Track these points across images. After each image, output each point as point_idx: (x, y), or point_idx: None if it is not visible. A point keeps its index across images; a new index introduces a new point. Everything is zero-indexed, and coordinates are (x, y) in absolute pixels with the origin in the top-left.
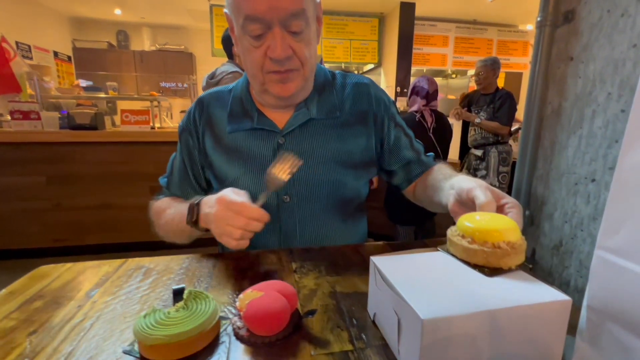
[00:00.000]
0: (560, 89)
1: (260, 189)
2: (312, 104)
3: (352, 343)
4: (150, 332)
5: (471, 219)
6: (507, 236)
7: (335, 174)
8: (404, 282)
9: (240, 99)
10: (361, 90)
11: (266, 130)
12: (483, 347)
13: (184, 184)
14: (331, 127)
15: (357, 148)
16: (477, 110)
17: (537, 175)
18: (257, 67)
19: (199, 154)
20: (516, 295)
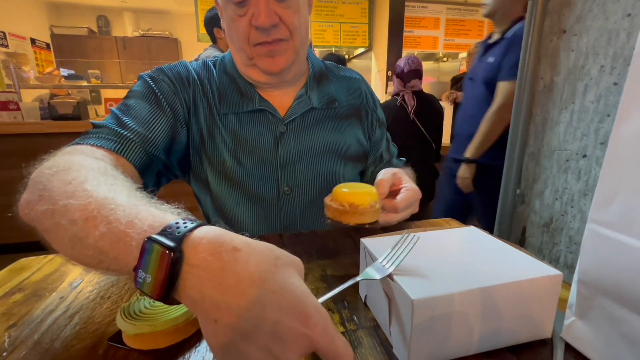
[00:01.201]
0: (553, 63)
1: (261, 179)
2: (313, 92)
3: (344, 325)
4: (134, 322)
5: (341, 185)
6: (351, 199)
7: (334, 165)
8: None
9: (232, 77)
10: (354, 85)
11: (267, 114)
12: (474, 325)
13: (155, 130)
14: (330, 118)
15: (353, 140)
16: None
17: (528, 153)
18: (242, 39)
19: (182, 113)
20: (507, 271)
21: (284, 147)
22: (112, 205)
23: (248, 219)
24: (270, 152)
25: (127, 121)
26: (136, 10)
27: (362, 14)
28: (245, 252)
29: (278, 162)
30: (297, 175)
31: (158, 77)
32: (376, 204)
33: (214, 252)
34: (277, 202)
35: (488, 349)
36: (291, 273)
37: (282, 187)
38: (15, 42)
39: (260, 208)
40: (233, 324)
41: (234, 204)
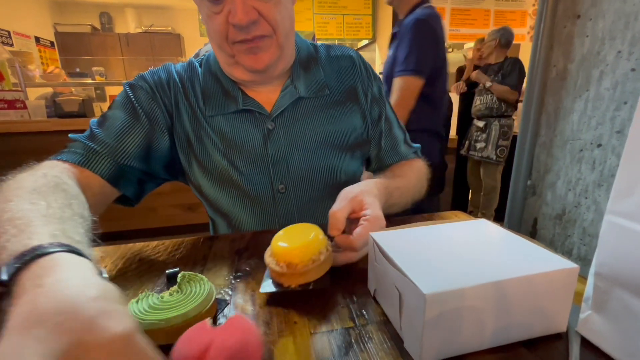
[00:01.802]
0: (566, 50)
1: (254, 180)
2: (299, 81)
3: (353, 320)
4: (144, 317)
5: (279, 235)
6: (287, 257)
7: (330, 158)
8: (404, 256)
9: (216, 76)
10: (346, 64)
11: (253, 112)
12: (487, 319)
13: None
14: (322, 108)
15: (350, 128)
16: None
17: (539, 143)
18: (220, 37)
19: (165, 122)
20: (521, 264)
21: (273, 144)
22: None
23: (245, 219)
24: (260, 151)
25: (98, 134)
26: (138, 7)
27: (365, 5)
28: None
29: (269, 160)
30: (291, 173)
31: (137, 85)
32: (321, 254)
33: (51, 267)
34: (273, 202)
35: (501, 344)
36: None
37: (276, 186)
38: (20, 41)
39: (257, 208)
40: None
41: (230, 205)
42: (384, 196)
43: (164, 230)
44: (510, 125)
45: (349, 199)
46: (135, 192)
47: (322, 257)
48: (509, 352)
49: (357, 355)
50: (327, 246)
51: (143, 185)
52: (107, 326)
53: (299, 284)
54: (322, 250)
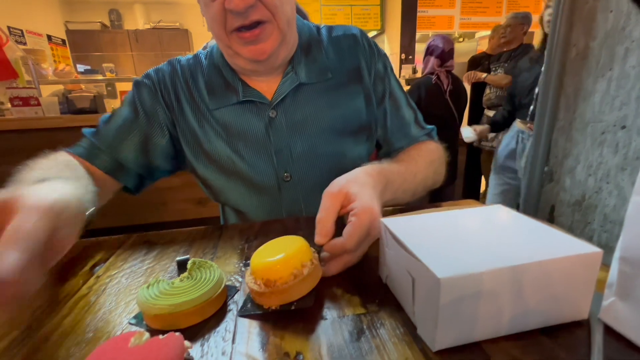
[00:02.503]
0: (588, 27)
1: (258, 169)
2: (300, 66)
3: (365, 306)
4: (154, 302)
5: (257, 253)
6: (265, 274)
7: (333, 144)
8: (417, 241)
9: (218, 68)
10: (349, 43)
11: (255, 102)
12: (505, 305)
13: (120, 136)
14: (324, 92)
15: (354, 112)
16: (495, 67)
17: (558, 127)
18: (218, 26)
19: (168, 119)
20: (541, 249)
21: (275, 132)
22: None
23: (252, 209)
24: (263, 139)
25: (101, 130)
26: (146, 3)
27: None
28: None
29: (272, 149)
30: (294, 160)
31: (142, 82)
32: (304, 268)
33: None
34: (279, 191)
35: (519, 330)
36: None
37: (280, 174)
38: (32, 39)
39: (263, 197)
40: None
41: (237, 195)
42: (378, 183)
43: (174, 224)
44: None
45: (333, 197)
46: (135, 184)
47: (306, 270)
48: (527, 339)
49: (369, 342)
50: (312, 259)
51: (143, 178)
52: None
53: (279, 304)
54: (306, 264)
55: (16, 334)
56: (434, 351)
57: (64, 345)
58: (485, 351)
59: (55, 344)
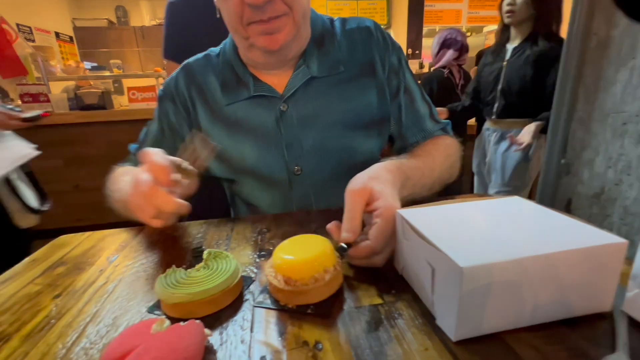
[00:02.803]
0: (609, 16)
1: (269, 163)
2: (312, 60)
3: (382, 297)
4: (172, 291)
5: (280, 246)
6: (287, 271)
7: (345, 138)
8: (436, 232)
9: (230, 64)
10: (362, 36)
11: (266, 96)
12: (527, 296)
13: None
14: (335, 85)
15: (365, 106)
16: None
17: (576, 118)
18: (235, 19)
19: (187, 126)
20: (564, 239)
21: (286, 126)
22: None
23: (263, 203)
24: (274, 133)
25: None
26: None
27: None
28: None
29: (283, 142)
30: (305, 154)
31: (163, 96)
32: (326, 273)
33: None
34: (290, 184)
35: (541, 322)
36: (142, 175)
37: (291, 167)
38: (40, 36)
39: (274, 192)
40: (130, 192)
41: (249, 190)
42: (398, 179)
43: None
44: None
45: (358, 194)
46: None
47: (328, 276)
48: (549, 330)
49: (387, 332)
50: (335, 265)
51: None
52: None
53: (296, 304)
54: (329, 269)
55: (40, 319)
56: (454, 341)
57: (86, 330)
58: (506, 342)
59: (78, 329)
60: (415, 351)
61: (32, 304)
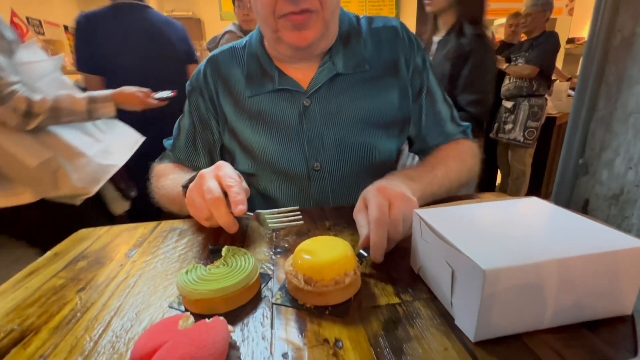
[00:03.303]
0: (636, 12)
1: (289, 157)
2: (338, 56)
3: (399, 296)
4: (195, 287)
5: (302, 245)
6: (308, 271)
7: (366, 136)
8: (456, 233)
9: (256, 56)
10: (388, 36)
11: (290, 90)
12: (548, 299)
13: (190, 149)
14: (359, 83)
15: (388, 105)
16: (515, 57)
17: (596, 118)
18: (267, 10)
19: (214, 119)
20: (586, 242)
21: (309, 121)
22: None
23: (280, 196)
24: (296, 128)
25: (176, 145)
26: None
27: None
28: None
29: (304, 138)
30: (326, 151)
31: (191, 91)
32: (346, 277)
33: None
34: (308, 180)
35: (561, 324)
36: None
37: (311, 163)
38: (50, 30)
39: (292, 186)
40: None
41: (267, 182)
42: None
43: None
44: (541, 105)
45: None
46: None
47: (347, 280)
48: (569, 332)
49: (406, 331)
50: (355, 269)
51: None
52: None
53: (314, 305)
54: (349, 273)
55: (67, 312)
56: (473, 342)
57: (111, 324)
58: (525, 343)
59: (104, 322)
60: (435, 351)
61: (57, 297)
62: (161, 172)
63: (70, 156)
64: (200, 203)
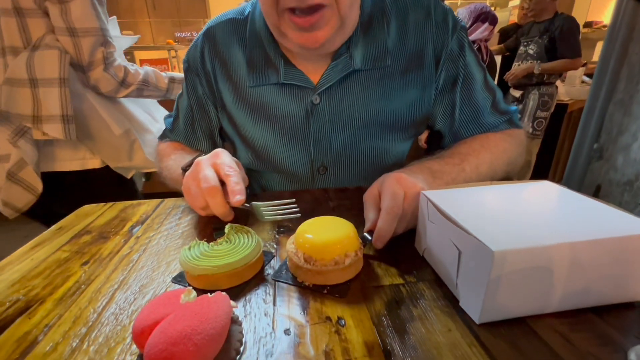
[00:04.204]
0: None
1: (293, 158)
2: (357, 48)
3: (403, 277)
4: (197, 263)
5: (305, 224)
6: (308, 249)
7: (379, 140)
8: (464, 214)
9: (259, 38)
10: (418, 18)
11: (297, 85)
12: (556, 282)
13: (189, 132)
14: (377, 81)
15: (406, 106)
16: (526, 42)
17: (615, 101)
18: (269, 4)
19: (212, 103)
20: (597, 227)
21: (316, 121)
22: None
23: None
24: (302, 127)
25: (175, 129)
26: None
27: None
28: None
29: (310, 139)
30: (333, 154)
31: (187, 69)
32: (347, 258)
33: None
34: (312, 182)
35: (567, 308)
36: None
37: (316, 166)
38: None
39: (294, 186)
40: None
41: (269, 179)
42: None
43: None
44: (551, 94)
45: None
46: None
47: (348, 261)
48: (576, 316)
49: (410, 311)
50: (357, 250)
51: (216, 142)
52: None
53: (312, 283)
54: (350, 254)
55: (71, 284)
56: (478, 324)
57: (115, 297)
58: (531, 327)
59: (107, 295)
60: (438, 331)
61: (62, 270)
62: (163, 151)
63: (142, 131)
64: (196, 192)
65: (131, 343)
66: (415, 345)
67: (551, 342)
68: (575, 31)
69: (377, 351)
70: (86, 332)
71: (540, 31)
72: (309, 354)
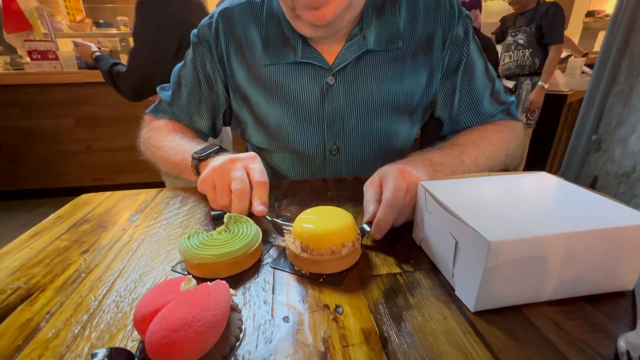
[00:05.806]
0: None
1: (306, 138)
2: (369, 29)
3: (400, 267)
4: (197, 252)
5: (304, 214)
6: (305, 238)
7: (390, 122)
8: (462, 205)
9: (277, 18)
10: (429, 4)
11: (313, 65)
12: (551, 272)
13: (193, 108)
14: (390, 62)
15: (416, 88)
16: (514, 32)
17: (615, 92)
18: None
19: (221, 81)
20: (592, 217)
21: (331, 101)
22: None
23: (291, 174)
24: (316, 107)
25: (175, 101)
26: None
27: None
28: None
29: (325, 119)
30: (345, 134)
31: (198, 43)
32: (344, 247)
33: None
34: (323, 163)
35: (561, 297)
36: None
37: (329, 146)
38: None
39: (306, 167)
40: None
41: (279, 159)
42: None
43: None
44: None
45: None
46: (209, 128)
47: (344, 251)
48: (569, 305)
49: (406, 299)
50: (354, 241)
51: (216, 123)
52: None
53: (309, 271)
54: (347, 244)
55: (71, 272)
56: (472, 312)
57: (115, 285)
58: (525, 314)
59: (107, 283)
60: (434, 319)
61: (62, 258)
62: (158, 129)
63: None
64: (223, 189)
65: (132, 330)
66: (412, 332)
67: (544, 329)
68: (559, 17)
69: (374, 338)
70: (88, 319)
71: (527, 20)
72: (308, 341)
